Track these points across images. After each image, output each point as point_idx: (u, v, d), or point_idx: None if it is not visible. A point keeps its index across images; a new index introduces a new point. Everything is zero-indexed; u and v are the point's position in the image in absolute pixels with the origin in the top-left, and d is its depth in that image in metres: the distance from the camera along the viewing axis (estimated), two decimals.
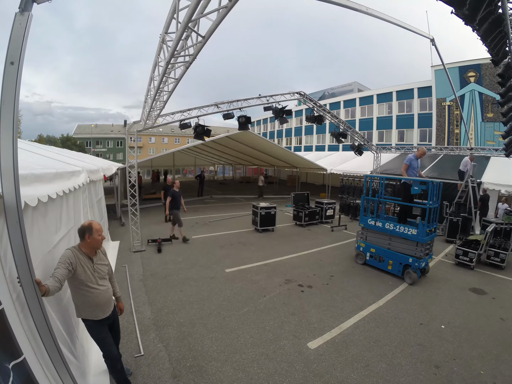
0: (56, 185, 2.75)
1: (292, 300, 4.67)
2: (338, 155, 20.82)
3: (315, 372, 3.08)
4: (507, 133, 6.27)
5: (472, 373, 3.10)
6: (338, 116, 11.72)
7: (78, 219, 3.76)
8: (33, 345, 1.81)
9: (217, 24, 2.44)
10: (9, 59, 1.59)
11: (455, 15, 3.07)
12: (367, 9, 4.14)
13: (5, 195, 1.61)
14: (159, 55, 3.43)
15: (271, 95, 8.96)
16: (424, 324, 4.07)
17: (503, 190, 9.24)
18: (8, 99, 1.60)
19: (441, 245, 8.34)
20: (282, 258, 6.74)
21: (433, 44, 6.10)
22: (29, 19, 1.65)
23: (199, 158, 27.11)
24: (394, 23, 4.84)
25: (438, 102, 20.46)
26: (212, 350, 3.37)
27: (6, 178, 1.61)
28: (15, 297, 1.75)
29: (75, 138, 43.85)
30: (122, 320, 3.90)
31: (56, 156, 5.07)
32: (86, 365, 2.77)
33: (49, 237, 2.55)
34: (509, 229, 7.07)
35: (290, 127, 35.79)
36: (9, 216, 1.65)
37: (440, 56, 6.75)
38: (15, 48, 1.61)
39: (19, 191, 1.67)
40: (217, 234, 8.72)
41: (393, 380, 2.99)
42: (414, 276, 5.36)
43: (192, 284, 5.18)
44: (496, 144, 16.49)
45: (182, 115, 7.95)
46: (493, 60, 4.23)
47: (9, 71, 1.59)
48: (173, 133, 47.85)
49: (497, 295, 5.10)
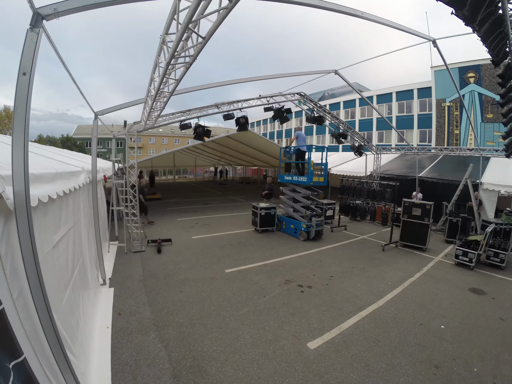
0: (56, 185, 2.75)
1: (292, 301, 4.68)
2: (338, 155, 20.82)
3: (315, 372, 3.08)
4: (507, 134, 6.27)
5: (472, 373, 3.10)
6: (338, 116, 11.73)
7: (78, 219, 3.77)
8: (34, 345, 1.82)
9: (217, 25, 2.44)
10: (22, 70, 1.75)
11: (455, 15, 3.08)
12: (362, 13, 4.19)
13: (16, 194, 1.74)
14: (159, 56, 3.44)
15: (271, 96, 8.98)
16: (423, 324, 4.08)
17: (502, 191, 9.23)
18: (21, 106, 1.76)
19: (441, 245, 8.35)
20: (282, 258, 6.75)
21: (435, 46, 6.11)
22: (39, 35, 1.83)
23: (199, 158, 27.14)
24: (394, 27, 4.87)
25: (438, 103, 20.50)
26: (212, 350, 3.37)
27: (17, 178, 1.76)
28: (15, 296, 1.75)
29: (75, 138, 43.83)
30: (122, 320, 3.91)
31: (56, 157, 5.07)
32: (86, 365, 2.77)
33: (49, 237, 2.55)
34: (509, 229, 7.08)
35: (290, 127, 35.82)
36: (18, 214, 1.75)
37: (443, 57, 6.76)
38: (27, 60, 1.77)
39: (29, 190, 1.80)
40: (217, 235, 8.72)
41: (392, 380, 2.99)
42: (304, 235, 8.22)
43: (192, 284, 5.18)
44: (496, 144, 16.52)
45: (182, 115, 7.96)
46: (493, 60, 4.23)
47: (21, 81, 1.75)
48: (173, 133, 47.84)
49: (496, 295, 5.11)
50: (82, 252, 3.81)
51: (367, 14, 4.27)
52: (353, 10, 4.10)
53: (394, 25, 4.84)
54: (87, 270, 4.01)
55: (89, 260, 4.22)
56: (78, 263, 3.49)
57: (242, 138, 14.95)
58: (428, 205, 7.47)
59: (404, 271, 6.16)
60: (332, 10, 3.75)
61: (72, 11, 1.99)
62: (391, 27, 4.84)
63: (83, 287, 3.65)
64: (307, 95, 9.79)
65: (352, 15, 4.13)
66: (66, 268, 2.97)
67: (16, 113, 1.74)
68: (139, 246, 7.17)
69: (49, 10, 1.87)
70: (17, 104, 1.74)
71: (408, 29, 5.15)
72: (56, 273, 2.64)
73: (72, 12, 2.00)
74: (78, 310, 3.15)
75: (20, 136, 1.75)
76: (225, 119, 8.40)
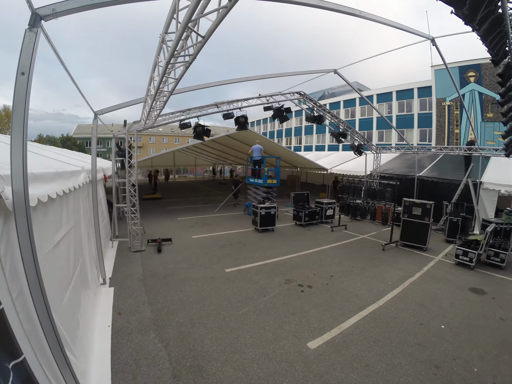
0: (56, 185, 2.75)
1: (292, 300, 4.68)
2: (338, 155, 20.81)
3: (315, 372, 3.08)
4: (507, 133, 6.27)
5: (472, 373, 3.10)
6: (338, 116, 11.72)
7: (79, 218, 3.77)
8: (33, 345, 1.82)
9: (216, 24, 2.43)
10: (20, 70, 1.76)
11: (455, 15, 3.07)
12: (360, 12, 4.18)
13: (14, 193, 1.74)
14: (159, 55, 3.43)
15: (271, 95, 8.97)
16: (424, 324, 4.07)
17: (503, 190, 9.22)
18: (19, 106, 1.76)
19: (441, 245, 8.34)
20: (282, 258, 6.75)
21: (434, 44, 6.10)
22: (37, 35, 1.83)
23: (199, 158, 27.14)
24: (393, 26, 4.86)
25: (438, 102, 20.47)
26: (212, 350, 3.38)
27: (16, 178, 1.76)
28: (15, 296, 1.75)
29: (75, 138, 43.84)
30: (122, 319, 3.92)
31: (56, 156, 5.07)
32: (86, 364, 2.77)
33: (49, 236, 2.55)
34: (509, 229, 7.07)
35: (290, 127, 35.79)
36: (17, 213, 1.75)
37: (442, 56, 6.75)
38: (25, 60, 1.78)
39: (28, 190, 1.80)
40: (217, 234, 8.72)
41: (393, 380, 2.99)
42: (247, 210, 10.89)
43: (192, 284, 5.18)
44: (496, 144, 16.49)
45: (182, 114, 7.95)
46: (493, 60, 4.22)
47: (20, 80, 1.76)
48: (173, 133, 47.82)
49: (497, 295, 5.10)
50: (82, 252, 3.81)
51: (365, 13, 4.26)
52: (351, 9, 4.09)
53: (393, 24, 4.83)
54: (87, 269, 4.01)
55: (89, 259, 4.23)
56: (79, 263, 3.50)
57: (242, 137, 14.93)
58: (428, 205, 7.46)
59: (404, 270, 6.16)
60: (331, 9, 3.76)
61: (70, 11, 1.98)
62: (389, 26, 4.82)
63: (84, 286, 3.65)
64: (306, 94, 9.78)
65: (351, 14, 4.12)
66: (67, 267, 2.97)
67: (15, 113, 1.75)
68: (139, 245, 7.16)
69: (48, 11, 1.87)
70: (16, 104, 1.74)
71: (407, 28, 5.14)
72: (57, 273, 2.64)
73: (70, 13, 1.99)
74: (79, 309, 3.16)
75: (19, 135, 1.76)
76: (224, 118, 8.39)
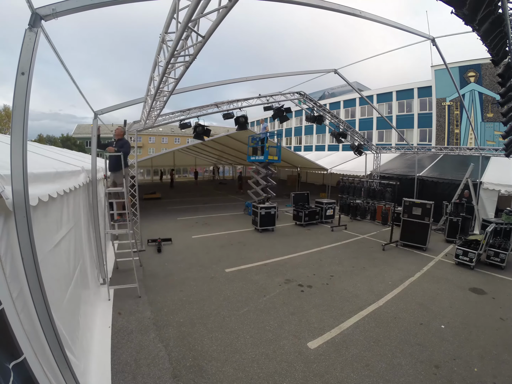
0: (56, 184, 2.75)
1: (292, 300, 4.68)
2: (338, 155, 20.80)
3: (315, 372, 3.08)
4: (507, 133, 6.27)
5: (472, 373, 3.10)
6: (338, 116, 11.72)
7: (79, 218, 3.77)
8: (34, 345, 1.82)
9: (217, 24, 2.43)
10: (20, 70, 1.76)
11: (455, 15, 3.07)
12: (361, 12, 4.18)
13: (14, 193, 1.74)
14: (159, 55, 3.43)
15: (271, 95, 8.96)
16: (424, 324, 4.07)
17: (503, 190, 9.21)
18: (19, 106, 1.76)
19: (441, 245, 8.34)
20: (282, 258, 6.74)
21: (434, 44, 6.10)
22: (37, 35, 1.83)
23: (199, 158, 27.14)
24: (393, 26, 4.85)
25: (438, 102, 20.45)
26: (212, 350, 3.37)
27: (16, 177, 1.76)
28: (15, 296, 1.75)
29: (75, 138, 43.82)
30: (122, 319, 3.92)
31: (56, 156, 5.07)
32: (86, 364, 2.77)
33: (50, 236, 2.55)
34: (509, 229, 7.07)
35: (290, 127, 35.76)
36: (17, 213, 1.75)
37: (442, 56, 6.74)
38: (25, 60, 1.77)
39: (28, 190, 1.80)
40: (217, 234, 8.72)
41: (393, 380, 2.99)
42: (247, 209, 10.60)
43: (192, 284, 5.18)
44: (496, 144, 16.48)
45: (182, 114, 7.95)
46: (493, 60, 4.22)
47: (20, 80, 1.76)
48: (173, 133, 47.81)
49: (497, 295, 5.10)
50: (82, 252, 3.81)
51: (365, 13, 4.26)
52: (352, 9, 4.09)
53: (393, 24, 4.83)
54: (87, 269, 4.01)
55: (89, 259, 4.23)
56: (79, 263, 3.50)
57: (242, 137, 14.92)
58: (428, 205, 7.46)
59: (404, 270, 6.15)
60: (332, 9, 3.76)
61: (70, 11, 1.98)
62: (390, 25, 4.82)
63: (84, 286, 3.65)
64: (307, 94, 9.78)
65: (351, 14, 4.12)
66: (68, 267, 2.97)
67: (15, 113, 1.74)
68: (139, 245, 7.16)
69: (48, 11, 1.86)
70: (16, 104, 1.74)
71: (407, 28, 5.13)
72: (58, 273, 2.64)
73: (70, 13, 1.99)
74: (79, 309, 3.16)
75: (19, 135, 1.76)
76: (224, 118, 8.39)
